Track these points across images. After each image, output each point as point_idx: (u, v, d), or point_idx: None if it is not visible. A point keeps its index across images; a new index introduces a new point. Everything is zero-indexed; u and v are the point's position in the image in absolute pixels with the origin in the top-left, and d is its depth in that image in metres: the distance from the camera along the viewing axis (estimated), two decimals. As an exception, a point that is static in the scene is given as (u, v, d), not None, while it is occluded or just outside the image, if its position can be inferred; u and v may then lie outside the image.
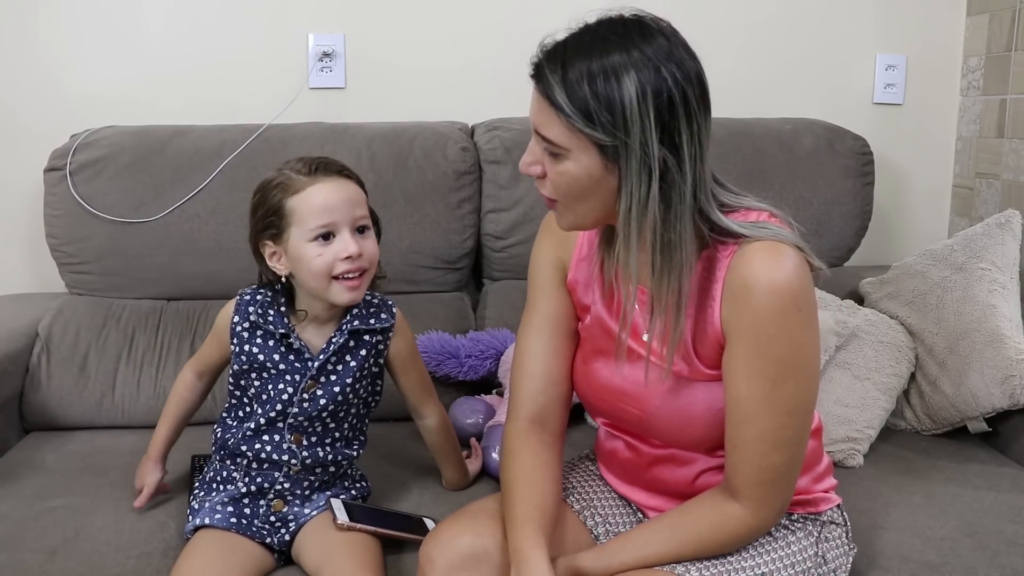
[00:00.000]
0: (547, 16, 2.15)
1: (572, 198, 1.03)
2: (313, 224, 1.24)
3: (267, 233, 1.28)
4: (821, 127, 2.08)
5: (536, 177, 1.05)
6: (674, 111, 0.96)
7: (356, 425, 1.39)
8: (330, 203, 1.24)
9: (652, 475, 1.19)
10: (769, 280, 1.00)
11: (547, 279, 1.21)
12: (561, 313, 1.20)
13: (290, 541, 1.32)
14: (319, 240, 1.24)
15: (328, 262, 1.24)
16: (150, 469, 1.41)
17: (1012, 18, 2.12)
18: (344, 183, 1.27)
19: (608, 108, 0.96)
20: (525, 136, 2.00)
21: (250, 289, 1.35)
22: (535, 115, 1.02)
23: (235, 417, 1.36)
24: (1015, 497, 1.48)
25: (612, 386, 1.15)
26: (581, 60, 0.98)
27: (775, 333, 1.00)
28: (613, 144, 0.97)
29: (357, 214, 1.27)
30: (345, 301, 1.27)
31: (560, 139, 0.99)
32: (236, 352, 1.32)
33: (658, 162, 0.96)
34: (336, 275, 1.25)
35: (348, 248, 1.24)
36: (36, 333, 1.82)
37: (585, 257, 1.18)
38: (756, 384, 1.02)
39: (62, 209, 1.88)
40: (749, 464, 1.04)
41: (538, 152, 1.04)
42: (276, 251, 1.28)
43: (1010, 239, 1.76)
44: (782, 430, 1.03)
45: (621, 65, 0.96)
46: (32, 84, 2.06)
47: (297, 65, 2.13)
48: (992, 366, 1.63)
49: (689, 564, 1.08)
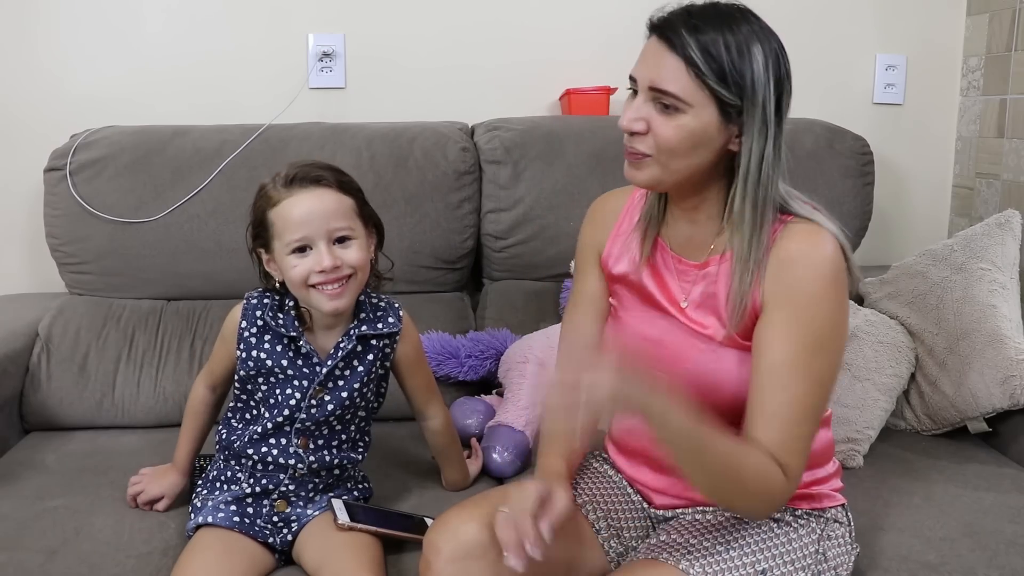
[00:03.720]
0: (547, 16, 2.18)
1: (674, 154, 1.08)
2: (288, 238, 1.25)
3: (259, 241, 1.30)
4: (821, 127, 2.08)
5: (636, 133, 1.10)
6: (784, 81, 1.08)
7: (362, 427, 1.39)
8: (303, 217, 1.24)
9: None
10: (811, 255, 1.08)
11: (585, 262, 1.30)
12: (598, 294, 1.29)
13: (292, 541, 1.32)
14: (296, 253, 1.25)
15: (302, 274, 1.25)
16: (175, 480, 1.41)
17: (1012, 18, 2.12)
18: (321, 194, 1.26)
19: (739, 69, 1.04)
20: (525, 136, 2.02)
21: (256, 292, 1.35)
22: (654, 70, 1.07)
23: (241, 420, 1.36)
24: (1015, 497, 1.48)
25: (647, 337, 1.19)
26: (712, 24, 1.05)
27: (814, 304, 1.07)
28: (737, 103, 1.05)
29: (332, 226, 1.25)
30: (328, 310, 1.27)
31: (684, 93, 1.05)
32: (243, 358, 1.32)
33: (772, 125, 1.07)
34: (312, 285, 1.25)
35: (321, 262, 1.24)
36: (36, 333, 1.82)
37: (623, 233, 1.26)
38: (792, 349, 1.07)
39: (62, 209, 1.88)
40: (781, 431, 1.06)
41: (644, 109, 1.09)
42: (269, 258, 1.30)
43: (1010, 239, 1.76)
44: (811, 398, 1.07)
45: (750, 32, 1.06)
46: (32, 84, 2.06)
47: (297, 65, 2.13)
48: (992, 366, 1.63)
49: (692, 560, 1.09)
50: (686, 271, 1.18)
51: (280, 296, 1.33)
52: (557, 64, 2.18)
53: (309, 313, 1.32)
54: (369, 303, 1.35)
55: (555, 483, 1.12)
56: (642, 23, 1.11)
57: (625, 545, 1.23)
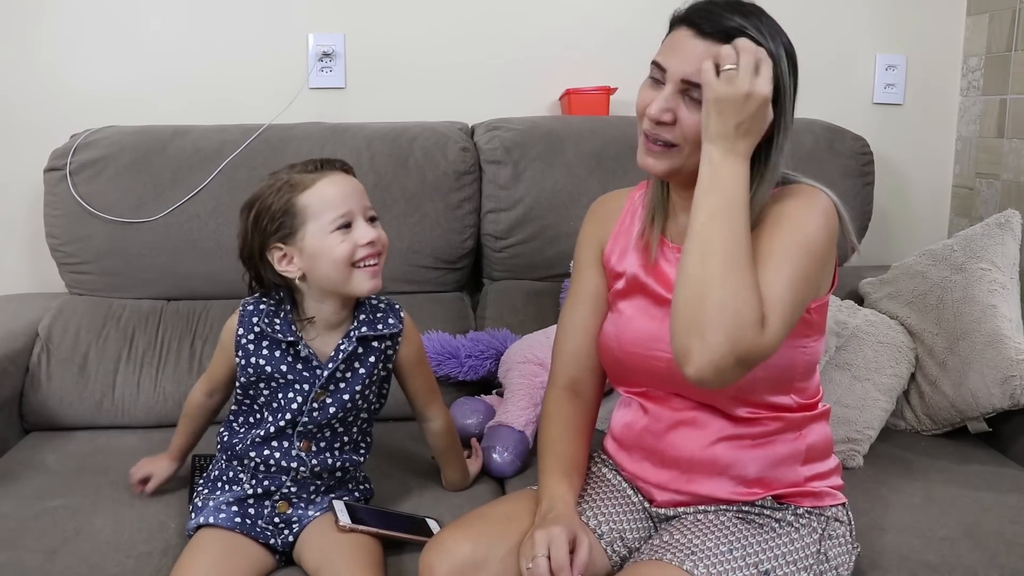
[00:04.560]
0: (547, 16, 2.18)
1: (698, 145, 1.10)
2: (332, 215, 1.26)
3: (277, 236, 1.27)
4: (821, 127, 2.08)
5: (663, 123, 1.12)
6: (797, 69, 1.14)
7: (363, 428, 1.39)
8: (344, 194, 1.27)
9: (666, 443, 1.22)
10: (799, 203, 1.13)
11: (586, 260, 1.32)
12: (598, 292, 1.31)
13: (293, 542, 1.31)
14: (340, 230, 1.26)
15: (349, 250, 1.26)
16: (166, 464, 1.45)
17: (1012, 18, 2.12)
18: (348, 177, 1.31)
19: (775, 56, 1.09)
20: (525, 136, 2.02)
21: (252, 299, 1.34)
22: (684, 62, 1.10)
23: (244, 423, 1.35)
24: (1015, 497, 1.48)
25: (647, 333, 1.21)
26: (738, 16, 1.09)
27: (803, 223, 1.11)
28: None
29: (366, 203, 1.30)
30: (367, 289, 1.28)
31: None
32: (242, 365, 1.32)
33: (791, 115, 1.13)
34: (356, 262, 1.26)
35: (368, 234, 1.27)
36: (36, 333, 1.82)
37: (625, 229, 1.28)
38: (782, 243, 1.10)
39: (62, 209, 1.88)
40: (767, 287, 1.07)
41: (673, 100, 1.11)
42: (287, 252, 1.28)
43: (1010, 239, 1.76)
44: (797, 282, 1.08)
45: (771, 24, 1.11)
46: (32, 84, 2.06)
47: (297, 65, 2.13)
48: (992, 366, 1.63)
49: (696, 560, 1.10)
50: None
51: (277, 301, 1.32)
52: (557, 64, 2.18)
53: (312, 318, 1.31)
54: (368, 304, 1.35)
55: (577, 526, 1.14)
56: (642, 23, 1.12)
57: (628, 547, 1.23)
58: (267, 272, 1.30)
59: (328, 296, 1.30)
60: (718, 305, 1.03)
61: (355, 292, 1.29)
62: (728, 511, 1.20)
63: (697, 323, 1.03)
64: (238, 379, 1.33)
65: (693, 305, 1.04)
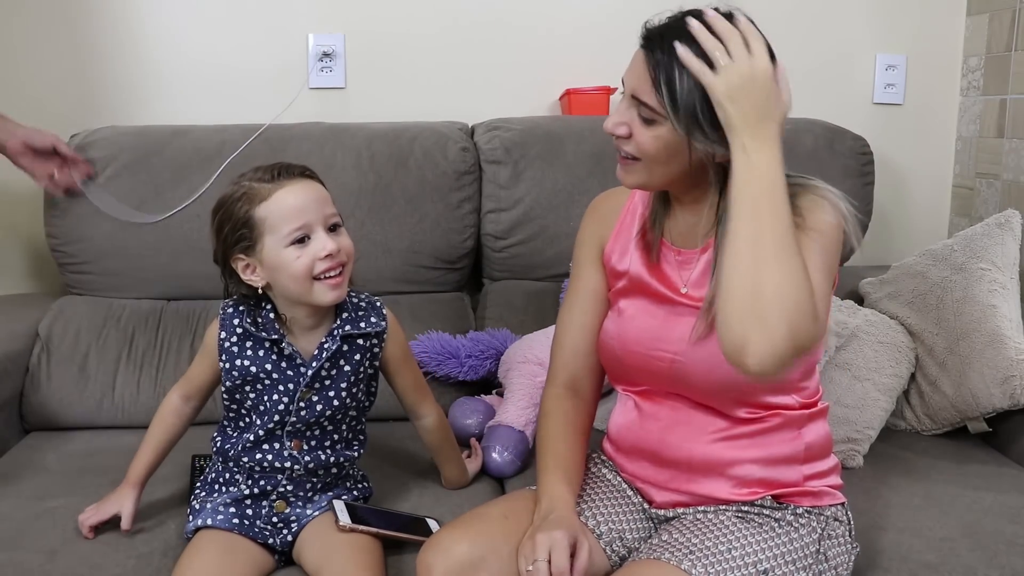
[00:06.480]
0: (547, 16, 2.18)
1: (656, 161, 1.12)
2: (287, 229, 1.22)
3: (239, 247, 1.25)
4: (821, 127, 2.08)
5: (620, 136, 1.13)
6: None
7: (354, 426, 1.38)
8: (300, 205, 1.23)
9: (665, 442, 1.22)
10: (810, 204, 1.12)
11: (585, 257, 1.31)
12: (598, 290, 1.30)
13: (292, 542, 1.31)
14: (296, 244, 1.23)
15: (307, 264, 1.23)
16: (127, 494, 1.33)
17: (1012, 18, 2.12)
18: (308, 183, 1.26)
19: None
20: (525, 136, 2.02)
21: (231, 301, 1.33)
22: (636, 81, 1.10)
23: (235, 428, 1.35)
24: (1015, 497, 1.48)
25: (649, 332, 1.21)
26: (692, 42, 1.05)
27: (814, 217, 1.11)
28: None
29: (327, 212, 1.25)
30: (329, 300, 1.25)
31: (659, 107, 1.08)
32: (227, 369, 1.30)
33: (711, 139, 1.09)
34: (317, 275, 1.24)
35: (326, 247, 1.23)
36: (36, 333, 1.82)
37: (626, 228, 1.28)
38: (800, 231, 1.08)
39: (62, 209, 1.88)
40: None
41: (627, 115, 1.12)
42: (250, 263, 1.26)
43: (1010, 239, 1.76)
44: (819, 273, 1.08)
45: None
46: (32, 83, 2.06)
47: (297, 65, 2.13)
48: (992, 366, 1.63)
49: (695, 560, 1.09)
50: (687, 260, 1.21)
51: (256, 301, 1.31)
52: (557, 64, 2.18)
53: (286, 317, 1.30)
54: (350, 302, 1.34)
55: (578, 529, 1.13)
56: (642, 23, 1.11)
57: (628, 547, 1.23)
58: (232, 279, 1.30)
59: (296, 304, 1.29)
60: (775, 290, 0.99)
61: (318, 303, 1.26)
62: (727, 511, 1.19)
63: (756, 311, 0.99)
64: (223, 383, 1.32)
65: (748, 291, 1.00)
